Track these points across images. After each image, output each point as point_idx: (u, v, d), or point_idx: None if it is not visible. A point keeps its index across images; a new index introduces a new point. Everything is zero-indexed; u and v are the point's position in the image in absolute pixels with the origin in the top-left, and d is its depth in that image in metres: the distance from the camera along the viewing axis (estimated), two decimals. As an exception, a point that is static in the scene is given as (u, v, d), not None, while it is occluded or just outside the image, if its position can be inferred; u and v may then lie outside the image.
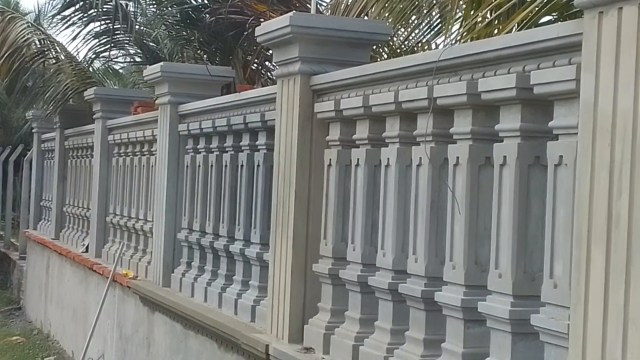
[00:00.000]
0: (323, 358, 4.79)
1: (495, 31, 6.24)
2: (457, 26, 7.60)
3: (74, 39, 12.69)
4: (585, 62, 3.01)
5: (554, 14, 6.53)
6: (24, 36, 12.56)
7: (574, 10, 3.13)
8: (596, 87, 2.94)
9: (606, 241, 2.87)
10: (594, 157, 2.93)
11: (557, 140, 3.32)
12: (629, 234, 2.79)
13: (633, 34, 2.81)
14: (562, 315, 3.17)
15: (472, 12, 6.83)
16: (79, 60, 13.11)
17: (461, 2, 7.27)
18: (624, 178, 2.81)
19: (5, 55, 12.35)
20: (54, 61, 12.76)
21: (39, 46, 12.79)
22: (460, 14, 7.40)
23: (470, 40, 6.21)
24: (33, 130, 14.82)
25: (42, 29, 13.66)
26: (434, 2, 8.16)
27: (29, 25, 13.42)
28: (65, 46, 13.14)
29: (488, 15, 6.41)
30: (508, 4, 5.91)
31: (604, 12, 2.93)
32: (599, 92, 2.93)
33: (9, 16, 13.35)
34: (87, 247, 10.46)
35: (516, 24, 5.86)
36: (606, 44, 2.91)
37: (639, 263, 2.75)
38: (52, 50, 12.86)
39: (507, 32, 5.55)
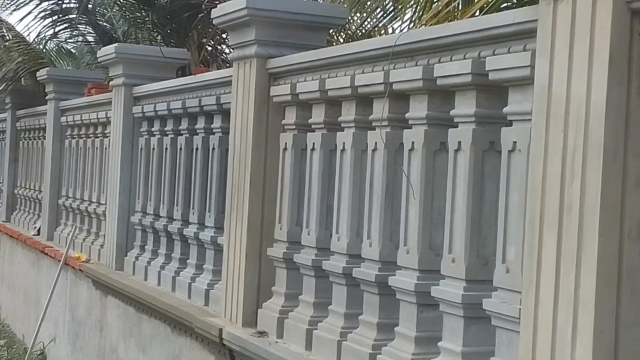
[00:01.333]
0: (277, 342, 4.80)
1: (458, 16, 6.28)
2: (411, 12, 7.63)
3: (21, 19, 12.53)
4: (540, 49, 3.03)
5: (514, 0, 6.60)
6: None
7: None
8: (550, 73, 2.96)
9: (558, 226, 2.90)
10: (548, 143, 2.96)
11: (512, 126, 3.34)
12: (580, 219, 2.82)
13: (587, 21, 2.84)
14: (514, 300, 3.21)
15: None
16: (30, 40, 12.93)
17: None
18: (577, 164, 2.84)
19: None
20: (2, 40, 12.57)
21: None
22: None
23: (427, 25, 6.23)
24: (-17, 111, 14.63)
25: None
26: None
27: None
28: (14, 26, 12.96)
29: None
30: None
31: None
32: (553, 78, 2.95)
33: None
34: (38, 230, 10.37)
35: (478, 10, 5.90)
36: (561, 31, 2.94)
37: (589, 248, 2.79)
38: (3, 28, 12.67)
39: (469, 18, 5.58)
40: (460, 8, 6.54)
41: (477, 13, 5.95)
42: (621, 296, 2.79)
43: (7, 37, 12.58)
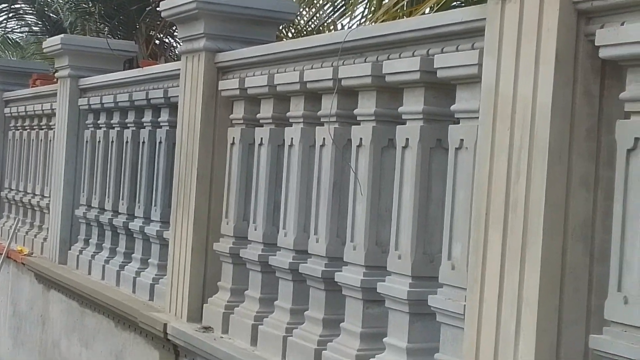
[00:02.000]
0: (222, 337, 4.78)
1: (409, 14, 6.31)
2: (362, 8, 7.64)
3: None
4: (487, 47, 3.05)
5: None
6: None
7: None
8: (497, 72, 2.98)
9: (503, 224, 2.92)
10: (494, 141, 2.98)
11: (459, 123, 3.36)
12: (525, 217, 2.85)
13: (534, 21, 2.86)
14: (459, 296, 3.22)
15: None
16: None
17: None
18: (522, 162, 2.87)
19: None
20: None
21: None
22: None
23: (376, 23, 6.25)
24: None
25: None
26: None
27: None
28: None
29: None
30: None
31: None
32: (500, 77, 2.97)
33: None
34: (-20, 223, 10.22)
35: (428, 8, 5.93)
36: (508, 30, 2.96)
37: (534, 245, 2.82)
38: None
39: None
40: (412, 5, 6.57)
41: (428, 11, 5.98)
42: (564, 294, 2.82)
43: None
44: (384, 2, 7.09)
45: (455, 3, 6.10)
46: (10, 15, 12.72)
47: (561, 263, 2.81)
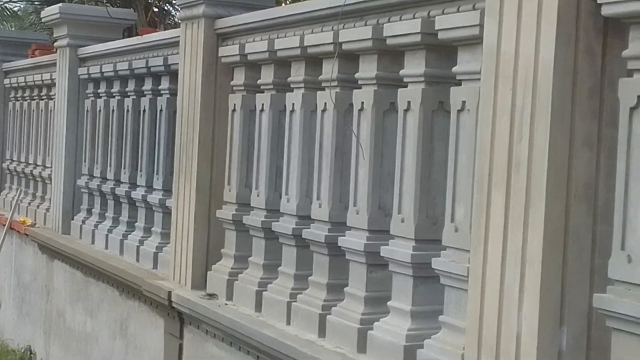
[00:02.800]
0: (226, 304, 4.80)
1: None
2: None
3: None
4: (488, 8, 3.04)
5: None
6: None
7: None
8: (499, 32, 2.97)
9: (506, 185, 2.92)
10: (496, 102, 2.98)
11: (461, 85, 3.36)
12: (528, 178, 2.85)
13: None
14: (462, 258, 3.24)
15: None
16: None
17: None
18: (525, 123, 2.87)
19: None
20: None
21: None
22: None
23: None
24: None
25: None
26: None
27: None
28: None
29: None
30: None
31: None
32: (502, 37, 2.96)
33: None
34: (-18, 194, 10.24)
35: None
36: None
37: (537, 206, 2.82)
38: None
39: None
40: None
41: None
42: (567, 254, 2.83)
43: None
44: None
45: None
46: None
47: (564, 223, 2.82)
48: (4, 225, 8.78)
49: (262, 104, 4.74)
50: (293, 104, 4.44)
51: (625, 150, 2.68)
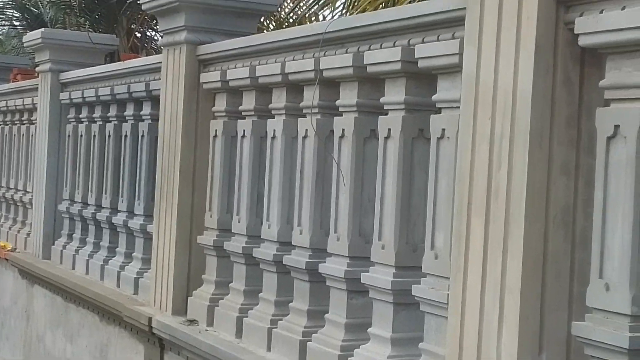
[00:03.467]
0: (207, 330, 4.78)
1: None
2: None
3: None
4: (468, 36, 3.06)
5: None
6: None
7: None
8: (478, 61, 2.99)
9: (485, 212, 2.93)
10: (475, 130, 2.99)
11: (440, 113, 3.36)
12: (507, 205, 2.86)
13: (514, 10, 2.87)
14: (442, 286, 3.23)
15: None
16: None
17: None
18: (504, 150, 2.88)
19: None
20: None
21: None
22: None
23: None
24: None
25: None
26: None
27: None
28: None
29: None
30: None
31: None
32: (481, 66, 2.98)
33: None
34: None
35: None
36: (488, 19, 2.96)
37: (515, 233, 2.83)
38: None
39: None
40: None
41: (410, 1, 5.97)
42: (546, 281, 2.83)
43: None
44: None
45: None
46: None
47: (543, 250, 2.82)
48: (-16, 250, 8.74)
49: (244, 130, 4.74)
50: (274, 130, 4.45)
51: (603, 178, 2.69)
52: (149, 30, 11.12)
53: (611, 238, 2.66)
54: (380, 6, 6.50)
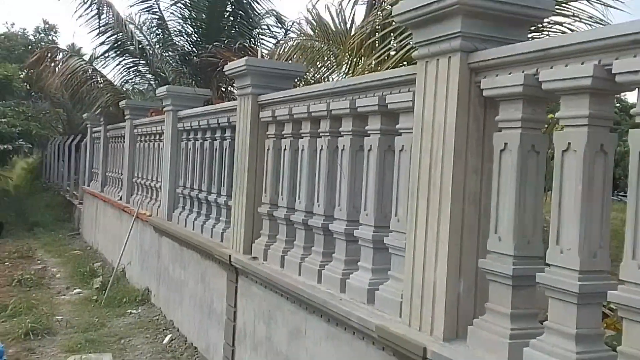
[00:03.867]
0: (263, 263, 4.81)
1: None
2: (344, 68, 7.60)
3: (110, 71, 12.35)
4: (417, 91, 3.06)
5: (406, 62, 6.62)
6: (79, 67, 12.31)
7: (414, 61, 3.16)
8: (423, 105, 2.99)
9: (427, 195, 2.94)
10: (422, 146, 2.99)
11: (401, 136, 3.36)
12: (440, 191, 2.86)
13: (444, 74, 2.87)
14: (402, 238, 3.23)
15: (357, 60, 6.84)
16: (115, 83, 12.77)
17: (347, 54, 7.28)
18: (438, 159, 2.88)
19: (68, 78, 12.14)
20: (99, 83, 12.40)
21: (89, 73, 12.43)
22: (346, 60, 7.41)
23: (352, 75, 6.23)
24: (87, 125, 14.38)
25: (92, 65, 13.25)
26: (330, 53, 8.16)
27: (82, 60, 13.21)
28: (105, 75, 12.80)
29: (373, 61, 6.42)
30: (380, 57, 5.97)
31: (428, 62, 2.97)
32: (425, 108, 2.98)
33: (69, 55, 13.33)
34: (121, 197, 10.24)
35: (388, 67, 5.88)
36: (429, 80, 2.96)
37: (445, 208, 2.83)
38: (97, 76, 12.49)
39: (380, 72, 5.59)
40: (378, 65, 6.51)
41: (387, 67, 5.92)
42: (463, 236, 2.83)
43: (101, 82, 12.38)
44: (358, 67, 7.04)
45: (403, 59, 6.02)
46: (137, 74, 12.78)
47: (461, 218, 2.83)
48: (133, 215, 8.79)
49: (285, 146, 4.73)
50: (303, 145, 4.44)
51: (497, 175, 2.70)
52: (229, 87, 11.11)
53: (502, 210, 2.66)
54: (367, 71, 6.45)
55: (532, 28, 4.31)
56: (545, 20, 4.29)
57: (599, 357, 2.32)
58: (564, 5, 5.48)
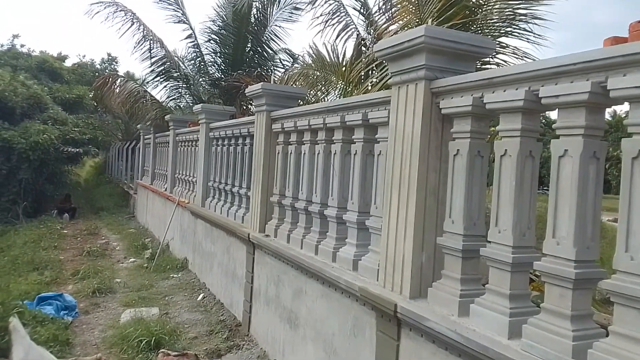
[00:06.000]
0: (274, 239, 4.79)
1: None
2: (336, 91, 7.60)
3: (158, 92, 12.29)
4: (391, 109, 3.05)
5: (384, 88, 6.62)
6: (133, 89, 12.29)
7: (390, 86, 3.15)
8: (396, 119, 2.98)
9: (399, 188, 2.93)
10: (394, 150, 2.98)
11: (379, 143, 3.34)
12: (408, 185, 2.86)
13: (412, 97, 2.87)
14: (379, 221, 3.22)
15: (349, 86, 6.82)
16: (161, 101, 12.75)
17: (340, 82, 7.27)
18: (407, 160, 2.87)
19: (126, 97, 12.12)
20: (149, 101, 12.37)
21: (141, 94, 12.40)
22: (339, 85, 7.41)
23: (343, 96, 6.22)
24: (140, 133, 14.33)
25: (143, 86, 13.22)
26: (325, 80, 8.16)
27: (136, 83, 13.18)
28: (154, 95, 12.78)
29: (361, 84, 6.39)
30: (366, 83, 5.96)
31: (400, 87, 2.97)
32: (397, 122, 2.97)
33: (126, 80, 13.36)
34: (166, 188, 10.20)
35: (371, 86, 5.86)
36: (401, 101, 2.96)
37: (412, 197, 2.83)
38: (147, 96, 12.47)
39: (363, 93, 5.59)
40: (360, 86, 6.51)
41: (370, 89, 5.92)
42: (426, 220, 2.84)
43: (150, 100, 12.36)
44: (347, 90, 7.03)
45: (380, 80, 6.02)
46: (179, 94, 12.76)
47: (424, 205, 2.82)
48: (175, 202, 8.76)
49: (291, 150, 4.71)
50: (305, 150, 4.42)
51: (452, 173, 2.70)
52: (249, 105, 11.10)
53: (454, 200, 2.66)
54: (354, 93, 6.46)
55: (479, 62, 4.32)
56: (490, 56, 4.27)
57: (527, 311, 2.34)
58: (504, 44, 5.50)
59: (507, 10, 5.48)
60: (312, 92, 8.19)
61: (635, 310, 1.81)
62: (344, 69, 6.97)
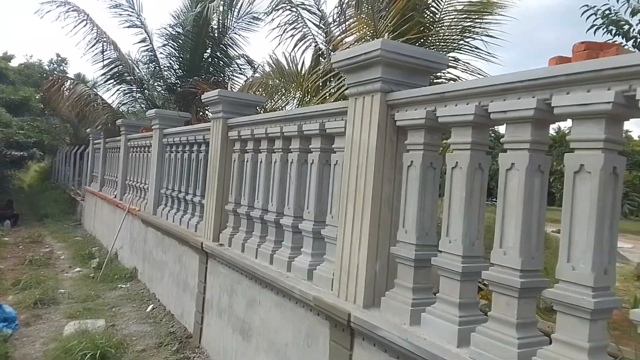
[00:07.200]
0: (228, 248, 4.73)
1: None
2: (295, 101, 7.62)
3: (110, 96, 11.91)
4: (348, 119, 3.07)
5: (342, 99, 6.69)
6: (83, 92, 11.89)
7: (347, 97, 3.19)
8: (352, 130, 3.01)
9: (354, 198, 2.95)
10: (351, 161, 3.01)
11: (335, 153, 3.36)
12: (363, 196, 2.89)
13: (369, 108, 2.91)
14: (335, 230, 3.24)
15: (307, 96, 6.85)
16: (113, 105, 12.36)
17: (298, 91, 7.30)
18: (362, 170, 2.91)
19: (75, 100, 11.69)
20: (100, 105, 11.97)
21: (91, 97, 11.99)
22: (298, 94, 7.43)
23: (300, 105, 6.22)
24: (90, 138, 13.81)
25: (94, 89, 12.79)
26: (284, 89, 8.17)
27: (86, 86, 12.74)
28: (105, 99, 12.37)
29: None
30: (323, 95, 6.00)
31: (357, 98, 3.00)
32: (354, 132, 3.00)
33: (76, 82, 12.92)
34: (116, 195, 9.87)
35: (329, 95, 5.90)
36: (357, 111, 2.99)
37: (367, 208, 2.85)
38: (98, 99, 12.07)
39: (320, 103, 5.62)
40: (317, 95, 6.55)
41: (328, 99, 5.97)
42: (380, 229, 2.87)
43: (101, 104, 11.98)
44: (305, 100, 7.07)
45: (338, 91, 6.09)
46: (132, 99, 12.44)
47: (378, 215, 2.86)
48: (125, 210, 8.49)
49: (248, 158, 4.68)
50: (262, 159, 4.39)
51: (405, 183, 2.74)
52: (205, 111, 10.92)
53: (408, 210, 2.71)
54: (312, 103, 6.49)
55: (432, 77, 4.46)
56: (443, 71, 4.41)
57: (475, 319, 2.40)
58: (456, 59, 5.70)
59: (458, 27, 5.70)
60: (271, 101, 8.17)
61: (576, 318, 1.86)
62: (302, 78, 7.00)
